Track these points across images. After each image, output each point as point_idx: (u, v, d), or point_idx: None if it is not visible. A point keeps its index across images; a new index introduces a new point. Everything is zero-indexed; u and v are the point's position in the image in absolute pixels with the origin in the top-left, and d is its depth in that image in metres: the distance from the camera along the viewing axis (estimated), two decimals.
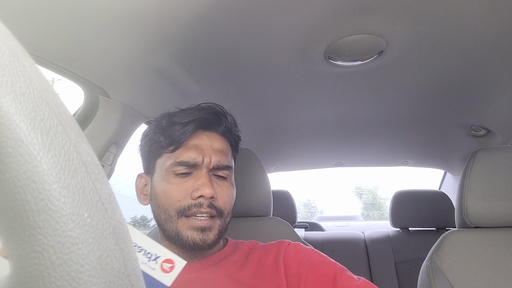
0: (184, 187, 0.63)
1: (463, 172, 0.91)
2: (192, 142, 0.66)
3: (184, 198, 0.62)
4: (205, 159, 0.65)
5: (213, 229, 0.63)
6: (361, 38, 0.79)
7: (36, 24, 0.63)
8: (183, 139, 0.65)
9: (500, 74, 0.96)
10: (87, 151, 0.19)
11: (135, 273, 0.18)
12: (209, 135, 0.69)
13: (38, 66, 0.19)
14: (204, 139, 0.67)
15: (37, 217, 0.16)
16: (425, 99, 1.18)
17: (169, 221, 0.63)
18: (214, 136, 0.69)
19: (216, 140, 0.69)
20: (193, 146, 0.66)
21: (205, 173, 0.64)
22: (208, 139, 0.68)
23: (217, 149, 0.67)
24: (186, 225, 0.62)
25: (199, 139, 0.67)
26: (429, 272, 0.84)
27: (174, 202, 0.62)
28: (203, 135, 0.68)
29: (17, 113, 0.16)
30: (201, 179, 0.63)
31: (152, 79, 0.90)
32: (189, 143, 0.66)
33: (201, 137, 0.67)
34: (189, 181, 0.64)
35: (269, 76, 0.99)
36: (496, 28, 0.75)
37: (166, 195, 0.63)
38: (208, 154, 0.65)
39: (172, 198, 0.63)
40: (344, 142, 1.69)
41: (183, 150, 0.65)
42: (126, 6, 0.63)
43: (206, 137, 0.68)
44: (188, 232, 0.61)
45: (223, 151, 0.69)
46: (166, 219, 0.63)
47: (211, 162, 0.65)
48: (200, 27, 0.73)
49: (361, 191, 15.76)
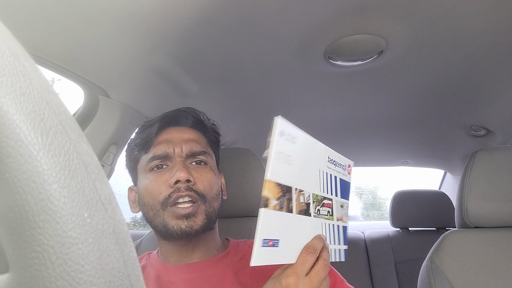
0: (162, 179, 0.65)
1: (463, 172, 0.91)
2: (162, 137, 0.69)
3: (164, 190, 0.63)
4: (176, 149, 0.67)
5: (198, 214, 0.63)
6: (361, 38, 0.79)
7: (36, 24, 0.63)
8: (152, 136, 0.68)
9: (500, 74, 0.96)
10: (87, 151, 0.19)
11: (135, 273, 0.18)
12: (179, 129, 0.71)
13: (38, 66, 0.19)
14: (173, 132, 0.70)
15: (37, 217, 0.16)
16: (425, 99, 1.18)
17: (157, 216, 0.64)
18: (184, 129, 0.72)
19: (187, 131, 0.71)
20: (163, 140, 0.68)
21: (179, 161, 0.66)
22: (177, 132, 0.70)
23: (188, 138, 0.70)
24: (171, 215, 0.62)
25: (169, 133, 0.70)
26: (429, 272, 0.84)
27: (156, 195, 0.64)
28: (173, 130, 0.71)
29: (17, 113, 0.16)
30: (175, 167, 0.65)
31: (152, 79, 0.90)
32: (160, 139, 0.69)
33: (170, 131, 0.70)
34: (166, 173, 0.65)
35: (269, 76, 0.99)
36: (496, 28, 0.75)
37: (148, 191, 0.65)
38: (179, 144, 0.68)
39: (154, 192, 0.64)
40: (344, 142, 1.69)
41: (154, 147, 0.68)
42: (126, 6, 0.63)
43: (176, 131, 0.71)
44: (173, 222, 0.62)
45: (195, 139, 0.71)
46: (154, 214, 0.64)
47: (182, 150, 0.67)
48: (200, 27, 0.73)
49: (361, 191, 15.75)
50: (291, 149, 0.45)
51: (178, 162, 0.65)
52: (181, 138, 0.69)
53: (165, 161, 0.66)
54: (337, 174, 0.56)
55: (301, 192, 0.48)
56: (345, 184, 0.58)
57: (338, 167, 0.56)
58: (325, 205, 0.53)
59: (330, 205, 0.54)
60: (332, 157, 0.54)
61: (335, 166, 0.55)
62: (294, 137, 0.45)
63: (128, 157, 0.74)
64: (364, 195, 15.70)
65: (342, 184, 0.57)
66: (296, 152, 0.46)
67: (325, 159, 0.53)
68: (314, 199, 0.50)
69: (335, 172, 0.55)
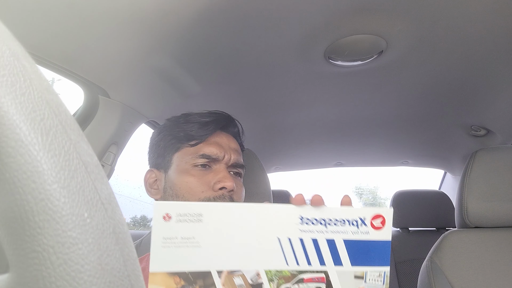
0: (205, 179, 0.66)
1: (463, 172, 0.91)
2: (213, 139, 0.71)
3: (207, 190, 0.65)
4: (226, 156, 0.69)
5: None
6: (361, 38, 0.79)
7: (36, 24, 0.63)
8: (205, 135, 0.69)
9: (500, 74, 0.96)
10: (87, 151, 0.19)
11: (135, 273, 0.18)
12: (227, 136, 0.74)
13: (38, 66, 0.19)
14: (223, 137, 0.72)
15: (37, 217, 0.16)
16: (425, 99, 1.18)
17: None
18: (231, 137, 0.75)
19: (233, 140, 0.74)
20: (214, 142, 0.70)
21: (224, 168, 0.68)
22: (226, 138, 0.73)
23: (234, 148, 0.72)
24: None
25: (219, 137, 0.72)
26: (429, 272, 0.84)
27: (197, 193, 0.65)
28: (222, 134, 0.73)
29: (17, 113, 0.16)
30: (222, 173, 0.66)
31: (152, 79, 0.90)
32: (211, 140, 0.70)
33: (220, 136, 0.72)
34: (210, 174, 0.67)
35: (269, 76, 0.99)
36: (496, 28, 0.75)
37: (188, 186, 0.66)
38: (228, 151, 0.70)
39: (195, 189, 0.65)
40: (344, 142, 1.69)
41: (204, 145, 0.69)
42: (127, 6, 0.63)
43: (225, 137, 0.73)
44: None
45: (239, 151, 0.74)
46: None
47: (231, 159, 0.69)
48: (200, 27, 0.73)
49: (361, 191, 15.77)
50: (196, 229, 0.38)
51: (224, 169, 0.68)
52: (229, 146, 0.71)
53: (211, 163, 0.68)
54: (335, 235, 0.41)
55: (234, 273, 0.39)
56: (368, 246, 0.41)
57: (335, 226, 0.41)
58: (306, 281, 0.41)
59: (320, 279, 0.41)
60: (313, 216, 0.40)
61: (326, 227, 0.41)
62: (199, 214, 0.38)
63: (162, 141, 0.73)
64: (364, 195, 15.73)
65: (356, 246, 0.41)
66: (206, 231, 0.38)
67: (293, 221, 0.40)
68: (273, 276, 0.40)
69: (329, 234, 0.41)
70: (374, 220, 0.41)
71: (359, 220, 0.41)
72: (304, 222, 0.40)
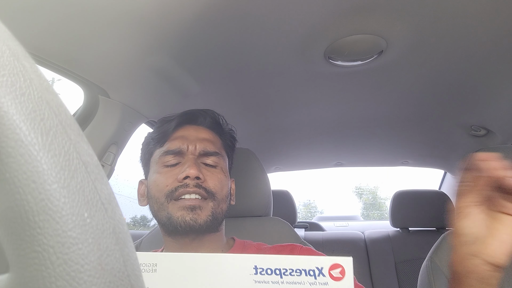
0: (171, 173, 0.65)
1: None
2: (179, 133, 0.70)
3: (171, 183, 0.64)
4: (190, 147, 0.67)
5: (204, 209, 0.63)
6: (361, 38, 0.79)
7: (36, 24, 0.63)
8: (169, 131, 0.69)
9: (500, 74, 0.96)
10: (87, 151, 0.19)
11: (135, 273, 0.18)
12: (196, 128, 0.72)
13: (38, 66, 0.19)
14: (190, 130, 0.71)
15: (37, 217, 0.16)
16: (425, 99, 1.18)
17: (161, 209, 0.64)
18: (201, 128, 0.73)
19: (203, 131, 0.72)
20: (179, 136, 0.69)
21: (191, 158, 0.66)
22: (194, 130, 0.71)
23: (204, 138, 0.70)
24: (176, 207, 0.62)
25: (186, 130, 0.71)
26: (429, 272, 0.84)
27: (162, 188, 0.64)
28: (190, 128, 0.72)
29: (17, 113, 0.16)
30: (187, 163, 0.65)
31: (152, 79, 0.90)
32: (175, 135, 0.70)
33: (187, 129, 0.71)
34: (177, 169, 0.66)
35: (269, 76, 0.99)
36: (496, 28, 0.75)
37: (155, 184, 0.66)
38: (194, 142, 0.68)
39: (161, 185, 0.64)
40: (344, 142, 1.69)
41: (169, 142, 0.69)
42: (126, 6, 0.63)
43: (193, 129, 0.72)
44: (178, 213, 0.62)
45: (210, 140, 0.71)
46: (158, 208, 0.65)
47: (196, 148, 0.68)
48: (200, 27, 0.73)
49: (361, 191, 15.78)
50: (150, 280, 0.37)
51: (190, 159, 0.66)
52: (196, 137, 0.70)
53: (178, 157, 0.67)
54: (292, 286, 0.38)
55: None
56: None
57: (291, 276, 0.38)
58: None
59: None
60: (268, 265, 0.38)
61: (282, 277, 0.38)
62: (153, 264, 0.38)
63: (143, 150, 0.75)
64: (364, 195, 15.73)
65: None
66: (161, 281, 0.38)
67: (248, 271, 0.38)
68: None
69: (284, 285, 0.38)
70: (333, 270, 0.37)
71: (316, 270, 0.37)
72: (259, 272, 0.38)
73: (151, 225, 1.92)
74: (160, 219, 0.65)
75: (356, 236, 1.81)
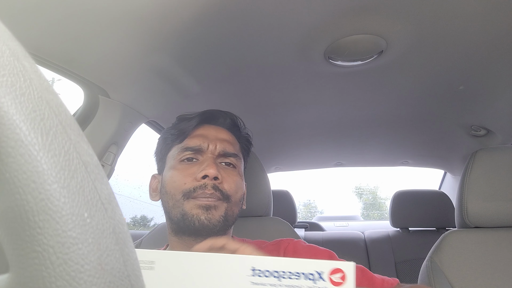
0: (190, 171, 0.65)
1: (463, 172, 0.91)
2: (199, 131, 0.70)
3: (190, 181, 0.64)
4: (210, 146, 0.68)
5: (218, 209, 0.63)
6: (361, 38, 0.79)
7: (36, 24, 0.63)
8: (189, 128, 0.69)
9: (500, 74, 0.96)
10: (87, 151, 0.19)
11: (135, 273, 0.18)
12: (215, 128, 0.73)
13: (38, 66, 0.19)
14: (210, 130, 0.71)
15: (37, 217, 0.16)
16: (425, 99, 1.18)
17: (176, 206, 0.64)
18: (221, 129, 0.73)
19: (223, 132, 0.73)
20: (199, 134, 0.69)
21: (210, 157, 0.66)
22: (214, 130, 0.72)
23: (223, 138, 0.71)
24: (192, 205, 0.62)
25: (205, 129, 0.71)
26: (429, 272, 0.84)
27: (180, 185, 0.64)
28: (210, 127, 0.72)
29: (17, 113, 0.16)
30: (206, 162, 0.65)
31: (152, 79, 0.90)
32: (196, 133, 0.70)
33: (207, 128, 0.72)
34: (195, 166, 0.66)
35: (269, 76, 0.99)
36: (496, 28, 0.75)
37: (172, 180, 0.65)
38: (214, 141, 0.68)
39: (178, 182, 0.64)
40: (344, 142, 1.69)
41: (189, 139, 0.69)
42: (126, 6, 0.63)
43: (213, 129, 0.72)
44: (193, 211, 0.62)
45: (229, 141, 0.71)
46: (173, 204, 0.64)
47: (216, 148, 0.68)
48: (200, 27, 0.73)
49: (361, 191, 15.79)
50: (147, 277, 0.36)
51: (209, 158, 0.66)
52: (216, 136, 0.70)
53: (197, 154, 0.67)
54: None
55: None
56: None
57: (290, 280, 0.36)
58: None
59: None
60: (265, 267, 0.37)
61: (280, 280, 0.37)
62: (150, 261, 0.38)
63: (160, 144, 0.75)
64: (364, 195, 15.74)
65: None
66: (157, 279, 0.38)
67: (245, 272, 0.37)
68: None
69: None
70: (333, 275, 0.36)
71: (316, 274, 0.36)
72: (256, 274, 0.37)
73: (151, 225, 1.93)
74: (173, 216, 0.64)
75: (356, 236, 1.81)
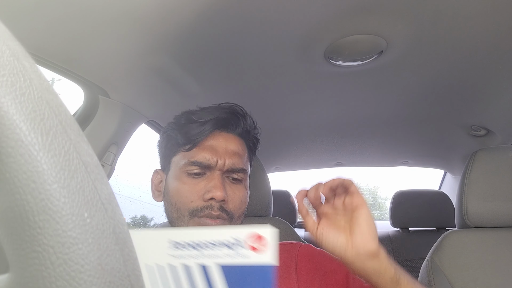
0: (196, 188, 0.64)
1: (463, 172, 0.91)
2: (208, 142, 0.66)
3: (196, 200, 0.63)
4: (219, 161, 0.65)
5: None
6: (361, 38, 0.79)
7: (36, 24, 0.63)
8: (199, 139, 0.65)
9: (500, 74, 0.96)
10: (87, 151, 0.19)
11: (135, 273, 0.18)
12: (225, 136, 0.69)
13: (38, 66, 0.19)
14: (220, 140, 0.67)
15: (37, 217, 0.16)
16: (425, 99, 1.18)
17: (181, 220, 0.64)
18: (231, 137, 0.69)
19: (233, 141, 0.69)
20: (208, 146, 0.66)
21: (218, 175, 0.64)
22: (224, 140, 0.68)
23: (233, 151, 0.67)
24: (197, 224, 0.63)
25: (215, 139, 0.67)
26: (429, 272, 0.84)
27: (186, 202, 0.63)
28: (220, 136, 0.68)
29: (17, 113, 0.16)
30: (213, 181, 0.63)
31: (152, 79, 0.90)
32: (205, 143, 0.66)
33: (217, 138, 0.67)
34: (202, 182, 0.64)
35: (269, 76, 0.99)
36: (496, 28, 0.75)
37: (179, 195, 0.64)
38: (223, 156, 0.65)
39: (184, 198, 0.64)
40: (344, 142, 1.69)
41: (198, 150, 0.65)
42: (126, 6, 0.63)
43: (223, 138, 0.68)
44: None
45: (239, 153, 0.68)
46: (178, 217, 0.65)
47: (225, 164, 0.65)
48: (200, 27, 0.73)
49: (361, 191, 15.71)
50: None
51: (217, 176, 0.64)
52: (226, 149, 0.67)
53: (205, 169, 0.65)
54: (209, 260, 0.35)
55: None
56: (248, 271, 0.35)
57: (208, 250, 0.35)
58: None
59: None
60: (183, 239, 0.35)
61: (198, 250, 0.35)
62: None
63: (164, 141, 0.71)
64: (364, 195, 15.67)
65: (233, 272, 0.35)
66: None
67: (163, 245, 0.36)
68: None
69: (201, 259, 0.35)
70: (254, 242, 0.35)
71: (235, 241, 0.35)
72: (174, 247, 0.35)
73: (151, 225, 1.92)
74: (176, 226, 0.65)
75: None
